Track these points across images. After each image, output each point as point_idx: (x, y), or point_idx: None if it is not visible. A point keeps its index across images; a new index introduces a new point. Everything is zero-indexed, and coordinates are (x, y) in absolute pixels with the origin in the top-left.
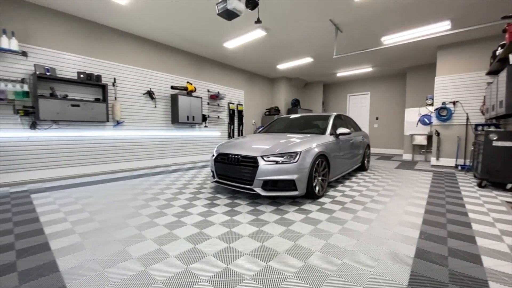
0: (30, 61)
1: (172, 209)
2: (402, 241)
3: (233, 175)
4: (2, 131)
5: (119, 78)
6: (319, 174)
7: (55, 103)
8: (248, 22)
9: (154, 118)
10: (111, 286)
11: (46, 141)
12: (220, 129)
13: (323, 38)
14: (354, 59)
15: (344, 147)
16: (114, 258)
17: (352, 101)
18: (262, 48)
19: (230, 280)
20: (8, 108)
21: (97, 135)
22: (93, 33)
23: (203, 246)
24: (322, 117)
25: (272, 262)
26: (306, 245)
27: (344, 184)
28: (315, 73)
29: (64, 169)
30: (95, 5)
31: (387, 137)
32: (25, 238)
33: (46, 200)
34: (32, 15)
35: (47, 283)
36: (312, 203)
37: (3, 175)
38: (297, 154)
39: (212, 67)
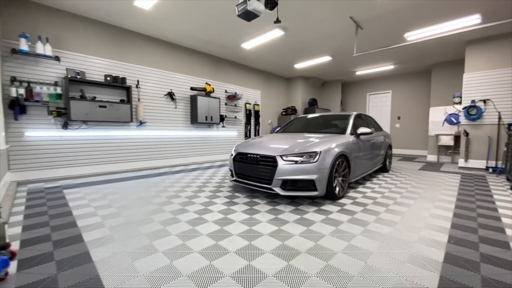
0: (62, 65)
1: (193, 206)
2: (429, 245)
3: (251, 174)
4: (37, 130)
5: (142, 80)
6: (339, 174)
7: (84, 104)
8: (267, 22)
9: (175, 118)
10: (141, 277)
11: (76, 140)
12: (237, 129)
13: (342, 36)
14: (375, 57)
15: (365, 147)
16: (141, 251)
17: (372, 100)
18: (280, 47)
19: (252, 277)
20: (43, 109)
21: (121, 135)
22: (119, 38)
23: (224, 242)
24: (341, 116)
25: (294, 261)
26: (328, 245)
27: (364, 185)
28: (333, 72)
29: (92, 166)
30: (121, 11)
31: (409, 137)
32: (60, 230)
33: (77, 195)
34: (64, 22)
35: (82, 272)
36: (332, 204)
37: (38, 171)
38: (316, 154)
39: (229, 68)
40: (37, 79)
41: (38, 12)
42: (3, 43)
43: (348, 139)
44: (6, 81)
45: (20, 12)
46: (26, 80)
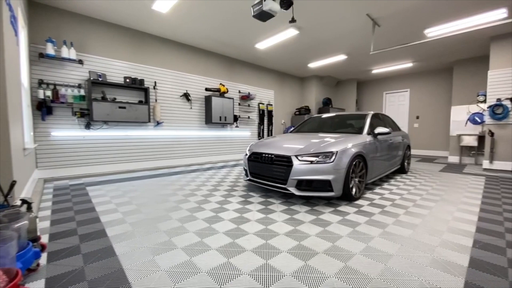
0: (85, 68)
1: (209, 205)
2: (453, 249)
3: (266, 174)
4: (63, 130)
5: (159, 81)
6: (356, 175)
7: (105, 105)
8: (281, 22)
9: (190, 118)
10: (162, 272)
11: (98, 140)
12: (250, 129)
13: (358, 34)
14: (392, 55)
15: (383, 147)
16: (161, 247)
17: (389, 99)
18: (294, 47)
19: (270, 275)
20: (68, 110)
21: (140, 135)
22: (137, 41)
23: (241, 241)
24: (357, 116)
25: (311, 261)
26: (345, 246)
27: (382, 186)
28: (348, 71)
29: (112, 165)
30: (140, 15)
31: (429, 137)
32: (85, 225)
33: (99, 192)
34: (87, 26)
35: (107, 265)
36: (348, 205)
37: (63, 169)
38: (333, 154)
39: (243, 68)
40: (62, 81)
41: (63, 17)
42: (31, 48)
43: (365, 139)
44: (34, 83)
45: (46, 18)
46: (53, 82)
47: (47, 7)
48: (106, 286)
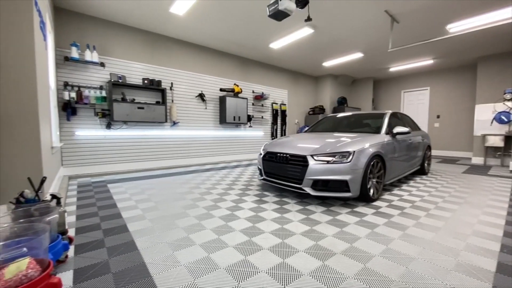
0: (106, 71)
1: (224, 203)
2: (479, 253)
3: (281, 174)
4: (86, 130)
5: (176, 82)
6: (373, 175)
7: (125, 106)
8: (296, 21)
9: (205, 118)
10: (181, 267)
11: (118, 139)
12: (263, 129)
13: (376, 31)
14: (411, 52)
15: (401, 147)
16: (180, 243)
17: (408, 97)
18: (308, 46)
19: (288, 274)
20: (90, 111)
21: (157, 134)
22: (155, 43)
23: (258, 239)
24: (375, 115)
25: (329, 262)
26: (364, 248)
27: (401, 188)
28: (364, 69)
29: (131, 163)
30: (158, 18)
31: (451, 137)
32: (108, 220)
33: (119, 189)
34: (107, 30)
35: (130, 259)
36: (366, 206)
37: (85, 167)
38: (350, 153)
39: (257, 69)
40: (85, 83)
41: (86, 22)
42: (57, 51)
43: (383, 139)
44: (60, 85)
45: (71, 23)
46: (77, 84)
47: (71, 12)
48: (130, 278)
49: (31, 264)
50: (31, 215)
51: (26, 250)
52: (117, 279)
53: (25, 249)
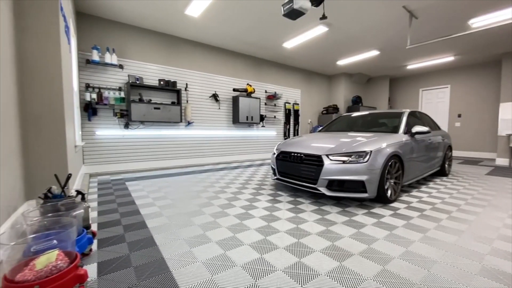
0: (125, 72)
1: (239, 202)
2: (505, 257)
3: (295, 173)
4: (105, 130)
5: (190, 83)
6: (391, 176)
7: (142, 106)
8: (310, 19)
9: (218, 118)
10: (199, 263)
11: (135, 139)
12: (276, 129)
13: (393, 27)
14: (431, 48)
15: (420, 147)
16: (197, 240)
17: (426, 96)
18: (322, 44)
19: (304, 274)
20: (110, 111)
21: (172, 134)
22: (170, 45)
23: (273, 238)
24: (392, 114)
25: (347, 263)
26: (383, 249)
27: (419, 189)
28: (380, 67)
29: (147, 162)
30: (173, 20)
31: (473, 137)
32: (128, 216)
33: (137, 187)
34: (125, 33)
35: (149, 254)
36: (383, 208)
37: (105, 165)
38: (367, 153)
39: (270, 68)
40: (105, 85)
41: (106, 26)
42: (79, 54)
43: (401, 139)
44: (82, 87)
45: (91, 27)
46: (97, 86)
47: (92, 17)
48: (150, 272)
49: (60, 256)
50: (58, 209)
51: (56, 242)
52: (138, 273)
53: (55, 241)
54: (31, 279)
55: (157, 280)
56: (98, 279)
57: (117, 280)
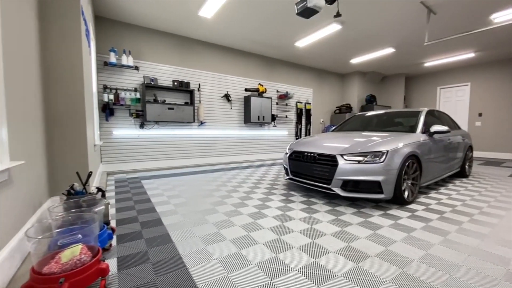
0: (140, 74)
1: (251, 201)
2: None
3: (308, 173)
4: (122, 129)
5: (203, 83)
6: (408, 177)
7: (157, 107)
8: (323, 18)
9: (230, 118)
10: (214, 260)
11: (150, 138)
12: (287, 129)
13: (410, 24)
14: (450, 45)
15: (439, 147)
16: (212, 238)
17: (444, 94)
18: (335, 43)
19: (320, 274)
20: (126, 111)
21: (185, 134)
22: (184, 46)
23: (287, 238)
24: (409, 113)
25: (363, 264)
26: (401, 252)
27: (438, 191)
28: (396, 65)
29: (161, 161)
30: (187, 21)
31: (494, 137)
32: (144, 213)
33: (152, 185)
34: (141, 35)
35: (166, 250)
36: (400, 209)
37: (121, 164)
38: (383, 153)
39: (281, 68)
40: (122, 86)
41: (122, 29)
42: (98, 57)
43: (419, 138)
44: (100, 88)
45: (109, 30)
46: (114, 87)
47: (110, 20)
48: (168, 268)
49: (84, 250)
50: (80, 206)
51: (81, 236)
52: (156, 268)
53: (80, 235)
54: (57, 272)
55: (175, 276)
56: (118, 273)
57: (136, 275)
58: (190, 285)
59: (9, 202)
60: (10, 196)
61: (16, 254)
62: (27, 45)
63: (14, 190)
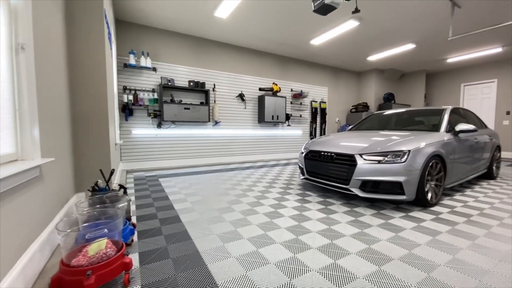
0: (157, 75)
1: (267, 200)
2: None
3: (325, 173)
4: (140, 129)
5: (218, 83)
6: (432, 178)
7: (173, 107)
8: (340, 14)
9: (244, 118)
10: (232, 259)
11: (167, 138)
12: (302, 128)
13: (432, 18)
14: (476, 39)
15: (465, 147)
16: (229, 236)
17: (469, 92)
18: (352, 40)
19: (341, 276)
20: (144, 112)
21: (201, 133)
22: (199, 47)
23: (305, 238)
24: (431, 111)
25: (386, 267)
26: (426, 256)
27: (463, 193)
28: (416, 62)
29: (178, 160)
30: (203, 22)
31: None
32: (162, 210)
33: (169, 183)
34: (158, 37)
35: (185, 247)
36: (423, 211)
37: (140, 162)
38: (404, 153)
39: (296, 66)
40: (140, 87)
41: (141, 31)
42: (118, 59)
43: (443, 137)
44: (120, 89)
45: (128, 33)
46: (133, 88)
47: (129, 24)
48: (187, 265)
49: (109, 244)
50: (103, 202)
51: (107, 231)
52: (176, 264)
53: (106, 230)
54: (85, 264)
55: (194, 273)
56: (140, 267)
57: (158, 270)
58: (209, 282)
59: (40, 197)
60: (41, 191)
61: (46, 246)
62: (56, 47)
63: (45, 185)
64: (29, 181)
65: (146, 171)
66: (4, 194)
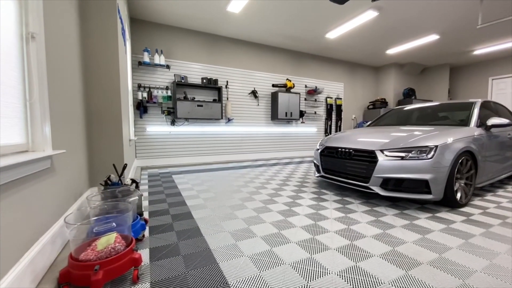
0: (171, 72)
1: (281, 198)
2: None
3: (342, 170)
4: (154, 126)
5: (230, 80)
6: (462, 176)
7: (187, 104)
8: (358, 4)
9: (257, 115)
10: (245, 257)
11: (180, 135)
12: (316, 125)
13: (459, 5)
14: (506, 27)
15: (498, 143)
16: (241, 234)
17: (497, 86)
18: (370, 32)
19: (364, 280)
20: (158, 109)
21: (213, 130)
22: (212, 44)
23: (322, 238)
24: (459, 105)
25: (414, 272)
26: (459, 260)
27: (495, 193)
28: (439, 54)
29: (191, 157)
30: (215, 18)
31: None
32: (175, 207)
33: (182, 180)
34: (171, 35)
35: (196, 244)
36: (451, 212)
37: (154, 159)
38: (431, 149)
39: (310, 62)
40: (154, 84)
41: (155, 29)
42: (133, 57)
43: (473, 132)
44: (135, 87)
45: (142, 31)
46: (148, 85)
47: (144, 22)
48: (198, 262)
49: (118, 239)
50: (116, 196)
51: (115, 225)
52: (187, 262)
53: (114, 224)
54: (93, 259)
55: (205, 271)
56: (150, 264)
57: (168, 267)
58: (221, 281)
59: (51, 189)
60: (52, 184)
61: (58, 239)
62: (68, 40)
63: (56, 178)
64: (39, 172)
65: (160, 167)
66: (14, 183)
